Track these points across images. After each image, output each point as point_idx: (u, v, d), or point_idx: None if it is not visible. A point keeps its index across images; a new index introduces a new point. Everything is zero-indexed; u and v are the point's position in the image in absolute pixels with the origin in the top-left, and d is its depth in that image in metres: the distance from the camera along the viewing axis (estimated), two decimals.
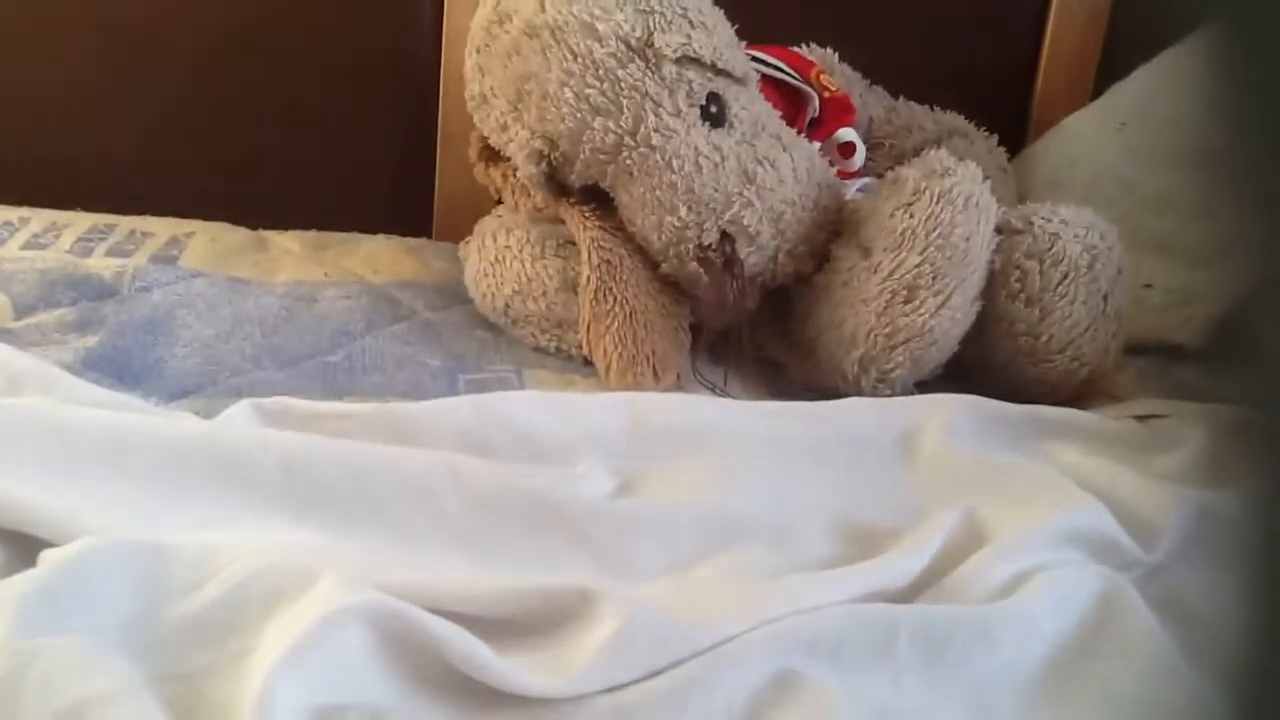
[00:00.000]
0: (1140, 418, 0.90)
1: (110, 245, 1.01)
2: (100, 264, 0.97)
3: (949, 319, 0.88)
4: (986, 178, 0.91)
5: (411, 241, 1.13)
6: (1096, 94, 1.25)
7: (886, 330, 0.87)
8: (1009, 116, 1.27)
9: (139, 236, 1.04)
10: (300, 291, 0.98)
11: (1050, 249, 0.90)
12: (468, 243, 1.01)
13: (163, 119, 1.16)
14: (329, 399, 0.81)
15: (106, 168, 1.15)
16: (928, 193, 0.88)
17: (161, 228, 1.07)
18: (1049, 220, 0.92)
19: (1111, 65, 1.26)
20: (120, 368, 0.84)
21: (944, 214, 0.87)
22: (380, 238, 1.14)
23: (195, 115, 1.16)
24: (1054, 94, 1.28)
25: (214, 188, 1.16)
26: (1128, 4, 1.27)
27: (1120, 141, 1.15)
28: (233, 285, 0.97)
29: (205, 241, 1.05)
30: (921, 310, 0.87)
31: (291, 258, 1.06)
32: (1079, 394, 0.95)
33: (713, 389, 0.92)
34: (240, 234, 1.10)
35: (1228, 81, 0.37)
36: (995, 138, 1.20)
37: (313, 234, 1.13)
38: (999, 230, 0.91)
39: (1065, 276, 0.90)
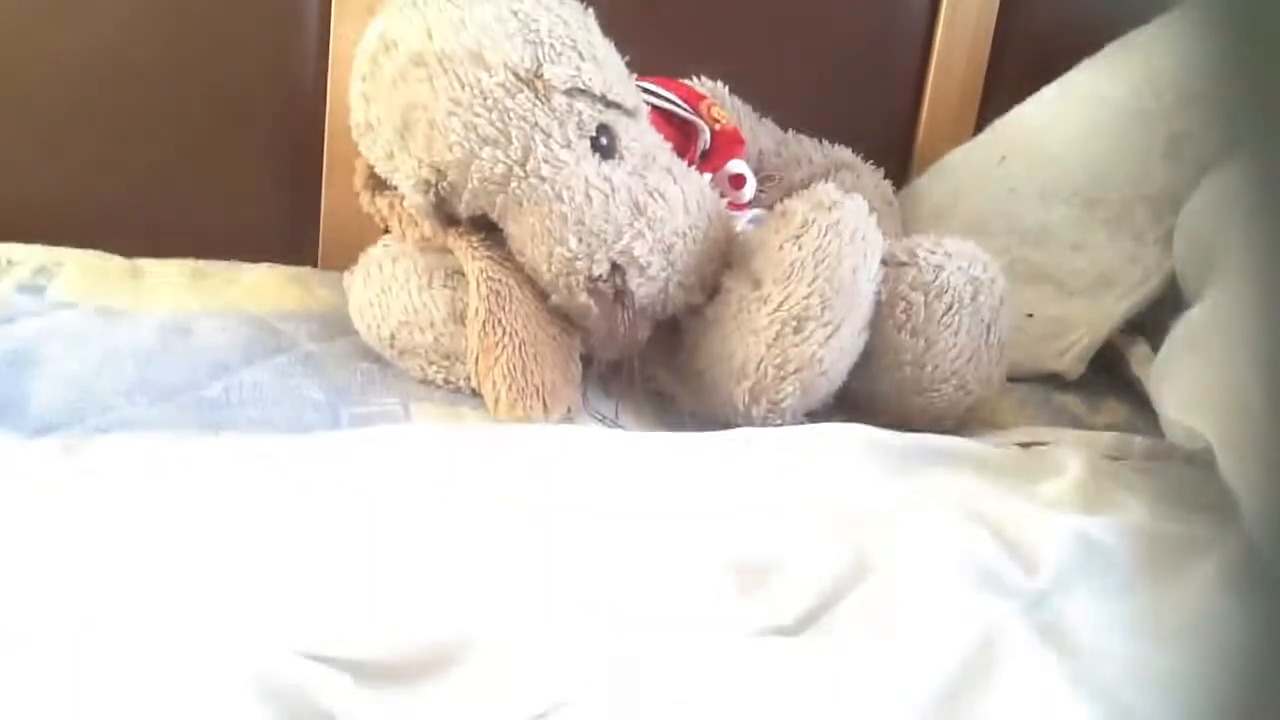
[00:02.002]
0: (1023, 445, 0.92)
1: None
2: None
3: (838, 349, 0.89)
4: (873, 210, 0.93)
5: (295, 271, 1.11)
6: (979, 129, 1.28)
7: (776, 361, 0.88)
8: (895, 150, 1.30)
9: (4, 265, 0.99)
10: (176, 322, 0.94)
11: (935, 281, 0.92)
12: (353, 272, 0.99)
13: (35, 142, 1.11)
14: (204, 434, 0.78)
15: None
16: (815, 225, 0.88)
17: (29, 255, 1.02)
18: (933, 252, 0.93)
19: (993, 101, 1.30)
20: None
21: (831, 246, 0.88)
22: (263, 267, 1.10)
23: (69, 140, 1.12)
24: (938, 129, 1.31)
25: (88, 215, 1.11)
26: (1008, 43, 1.31)
27: (1001, 176, 1.18)
28: (104, 316, 0.93)
29: (76, 271, 1.01)
30: (811, 340, 0.87)
31: (168, 287, 1.02)
32: (964, 422, 0.97)
33: (604, 421, 0.91)
34: (114, 263, 1.06)
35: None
36: (881, 171, 1.23)
37: (191, 263, 1.09)
38: (885, 262, 0.92)
39: (950, 308, 0.92)
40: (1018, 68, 1.30)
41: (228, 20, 1.13)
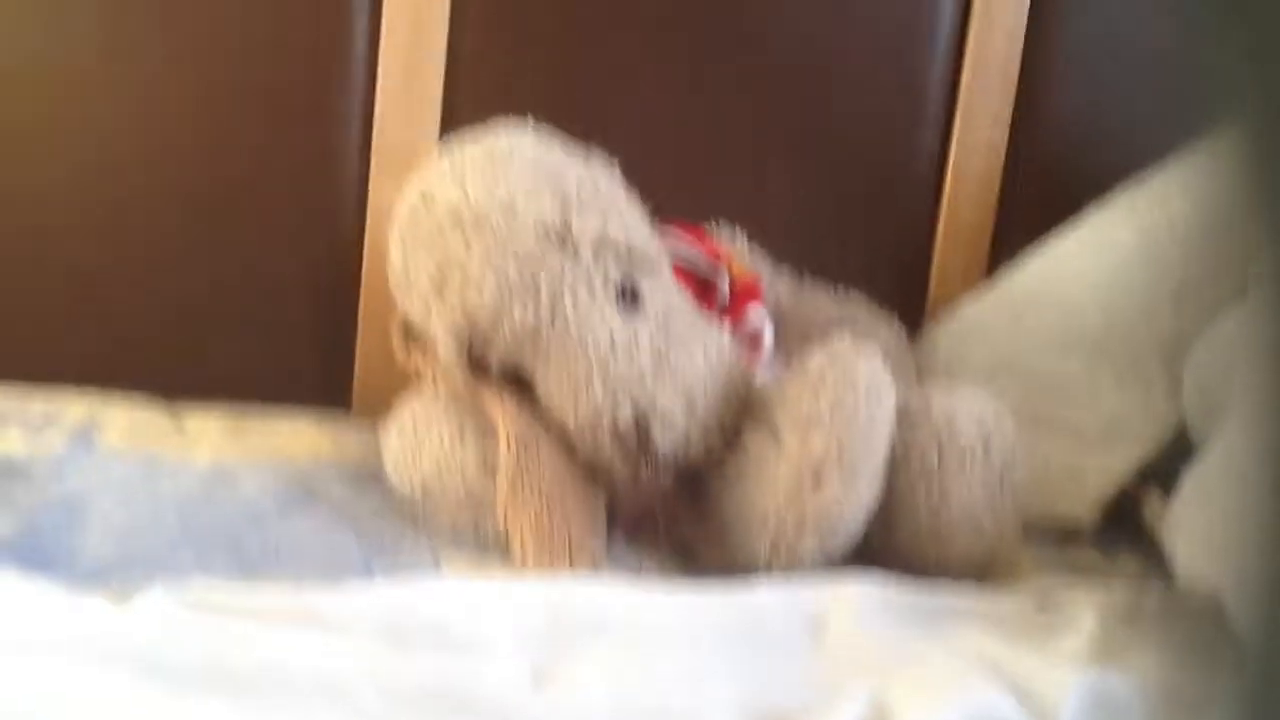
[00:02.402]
0: (1037, 598, 0.93)
1: (23, 423, 1.01)
2: (12, 444, 0.97)
3: (855, 499, 0.91)
4: (887, 360, 0.96)
5: (330, 420, 1.14)
6: (991, 271, 1.31)
7: (796, 512, 0.90)
8: (908, 297, 1.33)
9: (54, 414, 1.04)
10: (218, 473, 0.98)
11: (948, 431, 0.95)
12: (387, 424, 1.03)
13: (78, 292, 1.16)
14: (244, 583, 0.81)
15: (16, 340, 1.15)
16: (831, 377, 0.92)
17: (75, 405, 1.06)
18: (945, 403, 0.96)
19: (1004, 244, 1.33)
20: (32, 552, 0.83)
21: (847, 398, 0.91)
22: (299, 416, 1.14)
23: (112, 287, 1.17)
24: (950, 273, 1.34)
25: (130, 360, 1.16)
26: (1016, 187, 1.35)
27: (1014, 326, 1.20)
28: (149, 467, 0.97)
29: (123, 421, 1.05)
30: (829, 491, 0.90)
31: (209, 438, 1.06)
32: (980, 572, 0.98)
33: (628, 571, 0.93)
34: (158, 413, 1.09)
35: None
36: (895, 314, 1.26)
37: (231, 413, 1.13)
38: (899, 413, 0.95)
39: (962, 457, 0.94)
40: (1027, 210, 1.33)
41: (269, 176, 1.19)
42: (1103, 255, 1.19)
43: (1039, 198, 1.33)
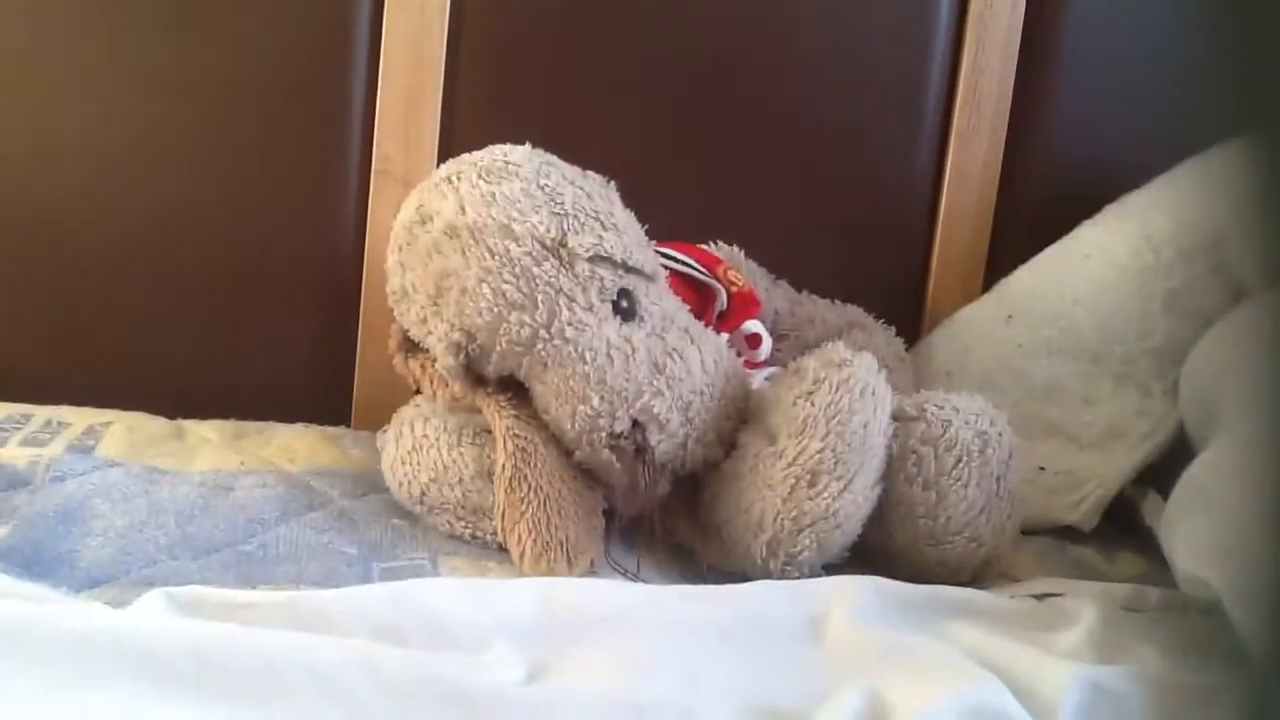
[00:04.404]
0: (1037, 596, 0.93)
1: (25, 435, 1.02)
2: (13, 453, 0.97)
3: (851, 503, 0.91)
4: (883, 367, 0.97)
5: (330, 430, 1.16)
6: (987, 286, 1.33)
7: (793, 514, 0.90)
8: (906, 308, 1.34)
9: (55, 426, 1.05)
10: (217, 480, 0.98)
11: (943, 435, 0.95)
12: (385, 431, 1.03)
13: (81, 310, 1.18)
14: (242, 588, 0.81)
15: (22, 360, 1.16)
16: (827, 382, 0.92)
17: (79, 417, 1.07)
18: (941, 407, 0.97)
19: (999, 259, 1.35)
20: (31, 558, 0.83)
21: (843, 402, 0.92)
22: (299, 426, 1.15)
23: (113, 307, 1.18)
24: (947, 287, 1.35)
25: (133, 377, 1.17)
26: (1011, 205, 1.37)
27: (1009, 333, 1.22)
28: (149, 474, 0.98)
29: (123, 431, 1.06)
30: (825, 494, 0.90)
31: (209, 446, 1.07)
32: (978, 574, 0.98)
33: (625, 574, 0.94)
34: (158, 423, 1.11)
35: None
36: (893, 329, 1.27)
37: (231, 423, 1.14)
38: (895, 417, 0.96)
39: (959, 461, 0.95)
40: (1020, 229, 1.35)
41: (272, 196, 1.20)
42: (1091, 268, 1.20)
43: (1033, 218, 1.35)
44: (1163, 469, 1.10)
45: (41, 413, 1.07)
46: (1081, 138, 1.37)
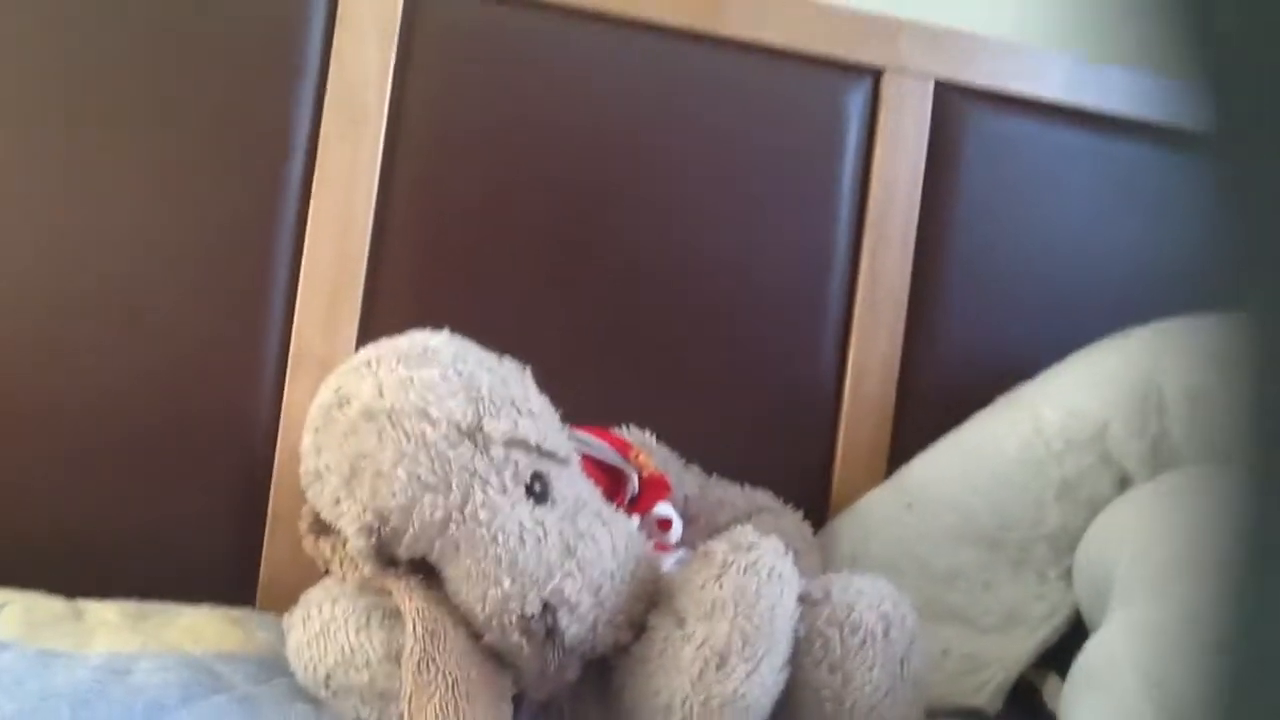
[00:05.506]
0: None
1: None
2: None
3: (760, 685, 0.92)
4: (790, 550, 0.99)
5: (234, 612, 1.13)
6: (890, 470, 1.37)
7: (701, 698, 0.90)
8: (813, 493, 1.38)
9: None
10: (115, 664, 0.96)
11: (848, 617, 0.97)
12: (292, 613, 1.02)
13: None
14: None
15: None
16: (734, 565, 0.94)
17: None
18: (845, 590, 0.99)
19: (903, 442, 1.40)
20: None
21: (750, 584, 0.93)
22: (203, 608, 1.13)
23: (7, 482, 1.16)
24: (852, 473, 1.39)
25: (29, 554, 1.15)
26: (910, 403, 1.43)
27: (909, 520, 1.26)
28: (42, 658, 0.95)
29: (20, 611, 1.03)
30: (734, 676, 0.91)
31: (108, 628, 1.04)
32: None
33: None
34: (56, 604, 1.08)
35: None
36: (800, 513, 1.30)
37: (133, 604, 1.12)
38: (802, 600, 0.98)
39: (863, 643, 0.96)
40: (921, 418, 1.40)
41: (186, 372, 1.20)
42: (984, 460, 1.25)
43: (932, 408, 1.41)
44: (1064, 651, 1.13)
45: None
46: (975, 332, 1.45)
